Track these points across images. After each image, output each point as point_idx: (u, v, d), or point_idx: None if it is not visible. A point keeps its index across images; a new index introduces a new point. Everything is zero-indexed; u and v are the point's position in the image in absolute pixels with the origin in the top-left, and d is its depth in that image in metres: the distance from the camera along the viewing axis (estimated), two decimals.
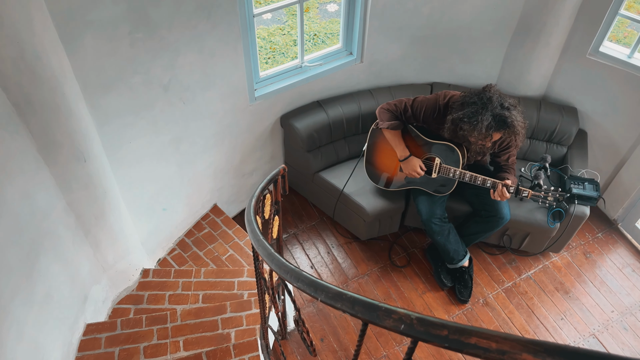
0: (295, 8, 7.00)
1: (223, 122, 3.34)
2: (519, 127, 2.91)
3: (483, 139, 2.94)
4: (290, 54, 6.40)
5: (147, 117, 2.82)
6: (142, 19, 2.48)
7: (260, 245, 1.30)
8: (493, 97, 2.91)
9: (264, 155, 3.88)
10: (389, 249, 3.96)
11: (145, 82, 2.69)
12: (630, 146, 3.78)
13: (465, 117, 2.92)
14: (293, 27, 6.78)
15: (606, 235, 4.10)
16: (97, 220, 2.67)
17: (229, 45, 2.99)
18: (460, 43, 3.74)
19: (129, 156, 2.86)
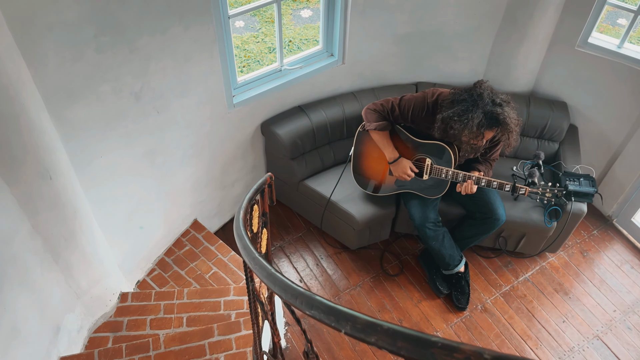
0: (268, 15, 6.83)
1: (201, 132, 3.14)
2: (512, 125, 2.77)
3: (475, 138, 2.79)
4: (266, 61, 6.22)
5: (118, 129, 2.60)
6: (108, 20, 2.27)
7: (257, 264, 1.11)
8: (484, 93, 2.77)
9: (245, 165, 3.68)
10: (380, 257, 3.78)
11: (114, 90, 2.48)
12: (623, 139, 3.68)
13: (456, 115, 2.77)
14: (267, 34, 6.60)
15: (602, 232, 3.98)
16: (68, 242, 2.44)
17: (204, 48, 2.79)
18: (445, 40, 3.60)
19: (100, 171, 2.63)
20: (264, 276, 1.07)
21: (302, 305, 0.91)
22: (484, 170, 3.17)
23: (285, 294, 0.98)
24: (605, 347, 3.40)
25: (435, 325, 3.46)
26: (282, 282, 0.99)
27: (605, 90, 3.57)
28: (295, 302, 0.94)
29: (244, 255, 1.26)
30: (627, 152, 3.66)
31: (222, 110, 3.18)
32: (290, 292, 0.96)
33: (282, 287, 0.98)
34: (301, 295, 0.92)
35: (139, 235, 3.13)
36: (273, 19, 6.81)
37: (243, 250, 1.29)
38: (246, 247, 1.28)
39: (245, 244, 1.30)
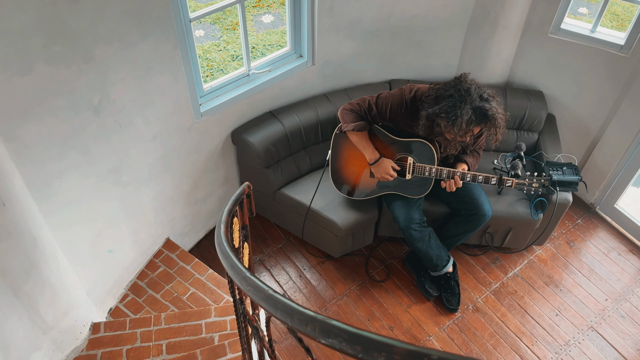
0: (229, 22, 6.65)
1: (168, 144, 2.94)
2: (500, 120, 2.67)
3: (463, 135, 2.67)
4: (230, 69, 6.03)
5: (77, 146, 2.39)
6: (58, 28, 2.07)
7: (250, 284, 0.94)
8: (471, 88, 2.66)
9: (217, 178, 3.49)
10: (365, 263, 3.63)
11: (70, 104, 2.27)
12: (601, 125, 3.62)
13: (443, 112, 2.64)
14: (229, 41, 6.42)
15: (586, 221, 3.92)
16: (29, 274, 2.21)
17: (165, 55, 2.61)
18: (416, 34, 3.49)
19: (61, 194, 2.41)
20: (261, 299, 0.90)
21: (316, 333, 0.74)
22: (471, 162, 3.06)
23: (291, 320, 0.81)
24: (601, 337, 3.32)
25: (427, 330, 3.32)
26: (286, 306, 0.82)
27: (580, 76, 3.51)
28: (306, 329, 0.77)
29: (233, 276, 1.08)
30: (606, 137, 3.61)
31: (189, 120, 2.99)
32: (298, 317, 0.79)
33: (287, 311, 0.81)
34: (314, 321, 0.75)
35: (108, 260, 2.91)
36: (234, 26, 6.64)
37: (231, 270, 1.11)
38: (234, 265, 1.10)
39: (233, 263, 1.12)
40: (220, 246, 1.26)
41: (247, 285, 0.98)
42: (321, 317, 0.76)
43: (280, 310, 0.84)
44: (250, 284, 0.96)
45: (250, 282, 0.97)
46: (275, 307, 0.86)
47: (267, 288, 0.92)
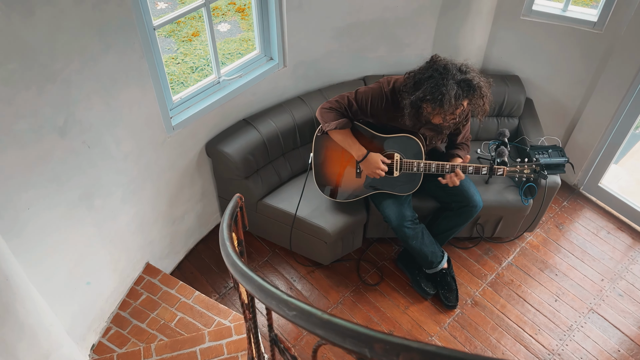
0: (184, 34, 6.45)
1: (140, 163, 2.75)
2: (485, 88, 2.61)
3: (453, 112, 2.58)
4: (190, 82, 5.83)
5: (44, 173, 2.18)
6: (12, 44, 1.87)
7: (294, 308, 0.79)
8: (448, 65, 2.60)
9: (194, 194, 3.30)
10: (356, 268, 3.49)
11: (33, 127, 2.06)
12: (579, 105, 3.59)
13: (427, 94, 2.55)
14: (187, 53, 6.21)
15: (572, 202, 3.89)
16: (3, 318, 1.99)
17: (131, 67, 2.42)
18: (388, 27, 3.38)
19: (30, 226, 2.19)
20: (316, 325, 0.75)
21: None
22: (464, 155, 2.97)
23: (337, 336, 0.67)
24: (602, 319, 3.27)
25: (428, 330, 3.21)
26: (328, 322, 0.67)
27: (555, 57, 3.47)
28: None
29: (263, 299, 0.93)
30: (585, 117, 3.58)
31: (161, 135, 2.81)
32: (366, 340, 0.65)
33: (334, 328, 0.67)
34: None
35: (87, 293, 2.69)
36: (190, 38, 6.44)
37: (259, 292, 0.96)
38: (262, 287, 0.95)
39: (260, 285, 0.97)
40: (235, 267, 1.10)
41: (289, 310, 0.83)
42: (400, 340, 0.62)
43: (322, 327, 0.70)
44: (293, 307, 0.82)
45: (293, 306, 0.82)
46: (312, 322, 0.71)
47: (317, 310, 0.77)
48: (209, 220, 3.59)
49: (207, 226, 3.61)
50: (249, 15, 6.79)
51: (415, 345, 0.64)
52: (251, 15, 6.82)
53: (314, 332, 0.77)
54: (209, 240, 3.61)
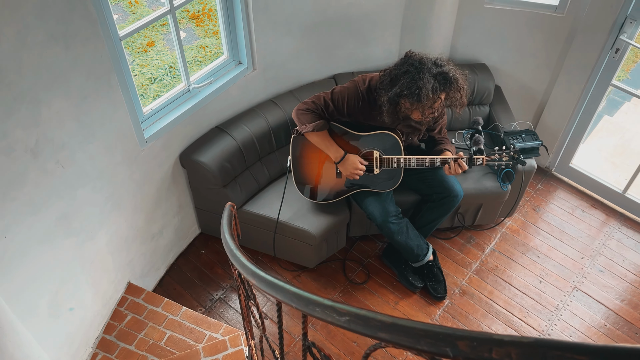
0: (139, 44, 6.29)
1: (116, 180, 2.64)
2: (461, 81, 2.62)
3: (432, 105, 2.58)
4: (149, 93, 5.69)
5: (19, 197, 2.06)
6: None
7: (325, 307, 0.75)
8: (423, 59, 2.61)
9: (171, 207, 3.20)
10: (342, 268, 3.46)
11: (3, 150, 1.94)
12: (546, 88, 3.66)
13: (405, 89, 2.54)
14: (143, 64, 6.06)
15: (545, 185, 3.95)
16: None
17: (100, 80, 2.32)
18: (354, 23, 3.36)
19: (7, 255, 2.07)
20: (378, 328, 0.71)
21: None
22: (452, 149, 2.98)
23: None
24: (587, 295, 3.33)
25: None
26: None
27: (520, 42, 3.52)
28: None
29: (303, 307, 0.89)
30: (552, 99, 3.64)
31: (134, 149, 2.71)
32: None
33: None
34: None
35: (70, 319, 2.56)
36: (145, 48, 6.28)
37: (297, 300, 0.92)
38: (300, 295, 0.91)
39: (297, 293, 0.92)
40: (262, 278, 1.05)
41: (339, 315, 0.79)
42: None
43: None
44: (344, 312, 0.78)
45: (343, 311, 0.78)
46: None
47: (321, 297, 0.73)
48: (188, 233, 3.49)
49: (186, 239, 3.51)
50: (204, 21, 6.68)
51: (507, 339, 0.61)
52: (206, 21, 6.72)
53: (376, 336, 0.73)
54: (189, 254, 3.51)
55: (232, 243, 1.30)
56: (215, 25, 6.59)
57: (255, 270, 1.07)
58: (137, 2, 6.81)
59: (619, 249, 3.56)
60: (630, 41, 3.09)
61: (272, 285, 0.99)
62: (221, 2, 2.87)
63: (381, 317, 0.73)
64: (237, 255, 1.20)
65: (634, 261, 3.50)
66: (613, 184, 3.73)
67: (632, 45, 3.10)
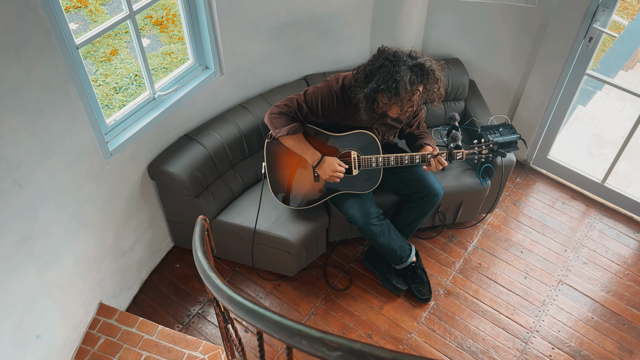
0: (102, 53, 6.09)
1: (80, 196, 2.49)
2: (438, 72, 2.56)
3: (410, 98, 2.50)
4: (115, 103, 5.50)
5: None
6: None
7: (312, 339, 0.64)
8: (397, 52, 2.55)
9: (141, 222, 3.05)
10: (323, 274, 3.35)
11: None
12: (520, 81, 3.61)
13: (381, 84, 2.46)
14: (107, 74, 5.86)
15: (524, 178, 3.91)
16: None
17: (57, 91, 2.17)
18: (323, 22, 3.26)
19: None
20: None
21: None
22: (432, 143, 2.90)
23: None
24: (572, 289, 3.29)
25: (406, 327, 3.11)
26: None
27: (492, 35, 3.47)
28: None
29: (286, 338, 0.77)
30: (527, 91, 3.60)
31: (99, 163, 2.56)
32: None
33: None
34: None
35: (38, 347, 2.40)
36: (109, 57, 6.09)
37: (279, 331, 0.80)
38: (281, 324, 0.79)
39: (279, 322, 0.81)
40: (235, 302, 0.93)
41: (330, 350, 0.68)
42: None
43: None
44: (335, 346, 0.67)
45: (334, 344, 0.67)
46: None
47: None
48: (160, 248, 3.34)
49: (159, 254, 3.36)
50: (168, 27, 6.51)
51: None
52: (170, 27, 6.55)
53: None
54: (163, 269, 3.36)
55: (205, 263, 1.18)
56: (180, 31, 6.43)
57: (232, 295, 0.96)
58: (97, 10, 6.61)
59: (602, 239, 3.53)
60: (604, 29, 3.05)
61: (251, 313, 0.88)
62: (184, 5, 2.74)
63: (380, 353, 0.63)
64: (212, 277, 1.08)
65: (617, 251, 3.47)
66: (592, 175, 3.71)
67: (605, 33, 3.07)
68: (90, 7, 6.67)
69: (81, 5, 6.69)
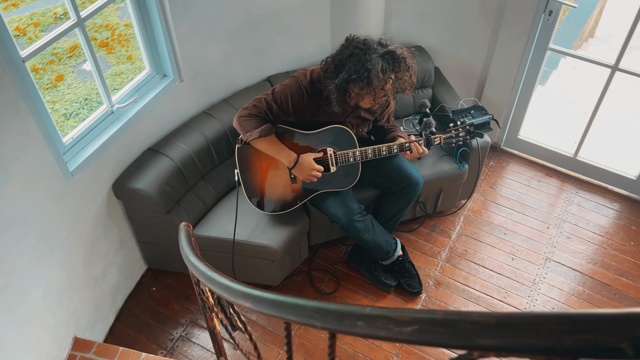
0: (47, 80, 5.82)
1: (43, 222, 2.29)
2: (409, 59, 2.48)
3: (382, 87, 2.41)
4: (67, 130, 5.24)
5: None
6: None
7: (386, 319, 0.53)
8: (366, 40, 2.46)
9: (111, 245, 2.85)
10: (309, 280, 3.22)
11: None
12: (484, 63, 3.58)
13: (353, 73, 2.37)
14: (55, 101, 5.59)
15: (497, 161, 3.88)
16: None
17: (6, 108, 1.99)
18: (282, 19, 3.15)
19: None
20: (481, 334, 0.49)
21: None
22: (403, 135, 2.82)
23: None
24: (560, 265, 3.26)
25: None
26: None
27: (453, 20, 3.43)
28: None
29: (333, 324, 0.65)
30: (492, 73, 3.57)
31: (60, 184, 2.37)
32: None
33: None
34: None
35: None
36: (55, 83, 5.82)
37: (332, 318, 0.68)
38: (329, 309, 0.67)
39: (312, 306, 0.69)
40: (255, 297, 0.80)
41: (401, 326, 0.56)
42: None
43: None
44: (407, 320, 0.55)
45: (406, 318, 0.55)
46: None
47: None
48: (134, 271, 3.14)
49: (133, 279, 3.16)
50: (114, 47, 6.28)
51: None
52: (117, 47, 6.33)
53: (468, 345, 0.51)
54: (138, 294, 3.16)
55: (201, 264, 1.04)
56: (128, 50, 6.22)
57: (249, 291, 0.83)
58: (37, 37, 6.34)
59: (581, 212, 3.53)
60: (563, 0, 3.05)
61: (279, 305, 0.75)
62: (134, 8, 2.58)
63: (476, 317, 0.51)
64: (214, 277, 0.95)
65: (598, 222, 3.47)
66: (563, 150, 3.70)
67: (564, 4, 3.07)
68: (30, 34, 6.39)
69: (20, 34, 6.41)
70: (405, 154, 2.73)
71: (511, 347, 0.48)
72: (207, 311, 1.76)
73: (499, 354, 0.53)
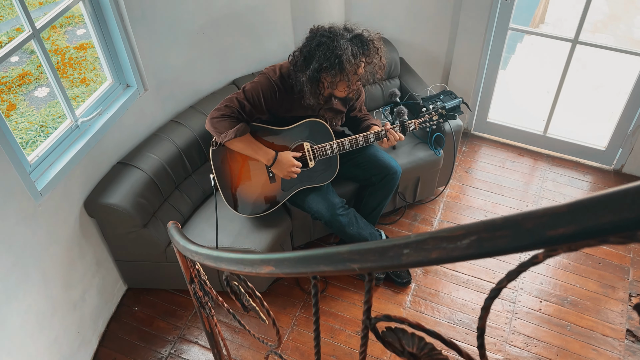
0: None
1: (15, 246, 2.16)
2: (377, 42, 2.48)
3: (355, 72, 2.40)
4: (30, 149, 5.04)
5: None
6: None
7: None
8: (332, 28, 2.45)
9: (88, 267, 2.73)
10: (296, 282, 3.15)
11: None
12: (447, 48, 3.60)
13: (324, 62, 2.35)
14: (13, 128, 5.38)
15: (469, 145, 3.90)
16: None
17: None
18: (242, 20, 3.10)
19: None
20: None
21: None
22: (377, 123, 2.80)
23: None
24: None
25: (392, 314, 2.95)
26: None
27: (412, 8, 3.44)
28: None
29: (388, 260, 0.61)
30: (456, 59, 3.59)
31: (30, 205, 2.24)
32: None
33: None
34: None
35: None
36: (7, 113, 5.60)
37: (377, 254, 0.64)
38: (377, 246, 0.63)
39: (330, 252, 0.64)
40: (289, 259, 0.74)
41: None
42: None
43: None
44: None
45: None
46: None
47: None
48: (114, 292, 3.01)
49: (114, 300, 3.02)
50: (67, 71, 6.10)
51: None
52: (69, 71, 6.15)
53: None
54: (120, 315, 3.03)
55: (205, 249, 0.97)
56: (81, 73, 6.05)
57: (267, 256, 0.77)
58: None
59: (557, 187, 3.57)
60: None
61: (307, 260, 0.70)
62: (91, 16, 2.49)
63: (543, 211, 0.48)
64: (222, 255, 0.87)
65: (574, 195, 3.51)
66: (533, 129, 3.75)
67: None
68: None
69: None
70: (381, 142, 2.70)
71: (590, 229, 0.46)
72: (206, 311, 1.67)
73: (571, 245, 0.50)
